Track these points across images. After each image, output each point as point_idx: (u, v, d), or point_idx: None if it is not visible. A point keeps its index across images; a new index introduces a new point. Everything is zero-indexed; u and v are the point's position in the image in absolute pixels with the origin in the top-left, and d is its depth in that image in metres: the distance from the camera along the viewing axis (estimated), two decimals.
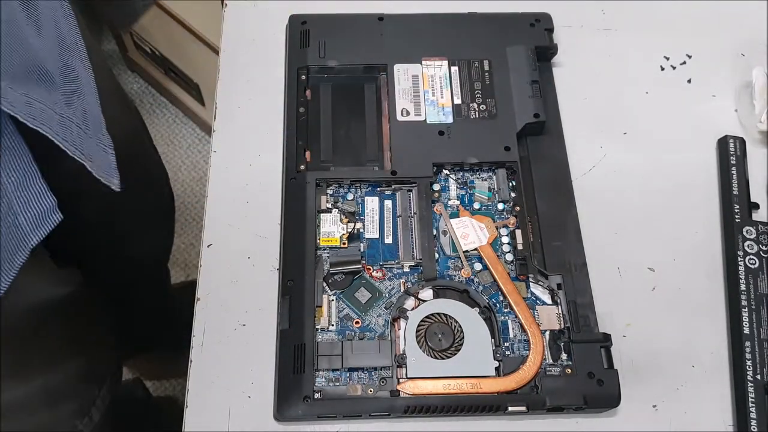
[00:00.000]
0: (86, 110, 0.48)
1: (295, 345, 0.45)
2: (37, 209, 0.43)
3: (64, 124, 0.43)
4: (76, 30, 0.50)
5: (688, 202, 0.54)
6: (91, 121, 0.48)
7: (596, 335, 0.46)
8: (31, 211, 0.42)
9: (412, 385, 0.44)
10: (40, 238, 0.43)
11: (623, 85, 0.59)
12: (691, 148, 0.56)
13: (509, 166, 0.52)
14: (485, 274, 0.49)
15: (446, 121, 0.54)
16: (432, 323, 0.47)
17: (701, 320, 0.50)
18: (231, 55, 0.59)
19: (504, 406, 0.44)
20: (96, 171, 0.46)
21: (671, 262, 0.52)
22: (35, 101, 0.41)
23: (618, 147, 0.56)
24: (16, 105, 0.38)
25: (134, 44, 1.25)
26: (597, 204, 0.53)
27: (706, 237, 0.53)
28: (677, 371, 0.48)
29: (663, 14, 0.62)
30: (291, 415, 0.44)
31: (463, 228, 0.50)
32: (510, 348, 0.46)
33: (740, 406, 0.46)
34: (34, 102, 0.41)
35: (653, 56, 0.61)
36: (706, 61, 0.60)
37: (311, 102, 0.55)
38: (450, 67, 0.56)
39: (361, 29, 0.57)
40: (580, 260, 0.49)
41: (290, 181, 0.51)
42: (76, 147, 0.44)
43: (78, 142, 0.44)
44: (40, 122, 0.40)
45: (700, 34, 0.61)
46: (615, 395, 0.45)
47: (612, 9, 0.63)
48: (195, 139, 1.31)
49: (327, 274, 0.48)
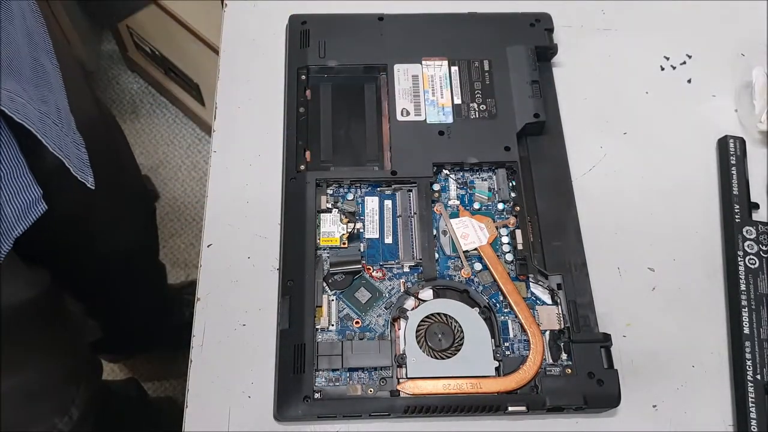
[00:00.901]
0: (59, 108, 0.48)
1: (295, 345, 0.45)
2: (23, 200, 0.43)
3: (43, 121, 0.44)
4: (43, 26, 0.50)
5: (688, 202, 0.54)
6: (64, 119, 0.48)
7: (596, 335, 0.46)
8: (17, 203, 0.43)
9: (412, 385, 0.44)
10: (24, 228, 0.44)
11: (623, 85, 0.59)
12: (691, 148, 0.56)
13: (509, 166, 0.52)
14: (485, 274, 0.49)
15: (446, 121, 0.54)
16: (432, 323, 0.47)
17: (701, 320, 0.50)
18: (231, 55, 0.59)
19: (504, 406, 0.44)
20: (73, 168, 0.46)
21: (671, 262, 0.52)
22: (16, 96, 0.41)
23: (618, 147, 0.56)
24: (2, 99, 0.38)
25: (134, 44, 1.26)
26: (597, 204, 0.53)
27: (706, 237, 0.53)
28: (677, 371, 0.48)
29: (663, 14, 0.62)
30: (291, 415, 0.44)
31: (463, 228, 0.50)
32: (510, 348, 0.46)
33: (740, 406, 0.46)
34: (15, 97, 0.41)
35: (653, 56, 0.61)
36: (706, 61, 0.60)
37: (311, 102, 0.55)
38: (450, 67, 0.56)
39: (361, 29, 0.57)
40: (580, 260, 0.49)
41: (290, 181, 0.51)
42: (56, 144, 0.44)
43: (56, 139, 0.45)
44: (24, 117, 0.40)
45: (700, 34, 0.61)
46: (615, 395, 0.45)
47: (612, 9, 0.63)
48: (195, 139, 1.31)
49: (327, 274, 0.48)
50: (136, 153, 1.29)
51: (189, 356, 0.47)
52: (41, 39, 0.50)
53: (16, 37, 0.45)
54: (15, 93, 0.42)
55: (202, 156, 1.29)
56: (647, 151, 0.56)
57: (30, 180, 0.43)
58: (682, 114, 0.58)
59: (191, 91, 1.22)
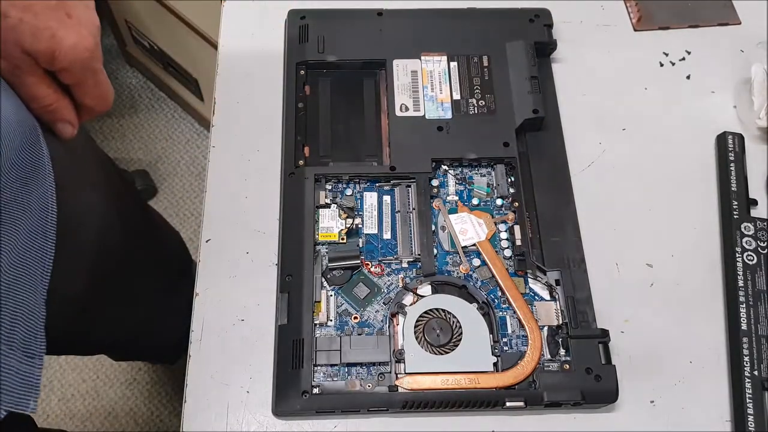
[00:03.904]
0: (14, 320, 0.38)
1: (293, 340, 0.45)
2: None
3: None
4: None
5: (687, 198, 0.54)
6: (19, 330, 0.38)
7: (594, 331, 0.46)
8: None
9: (411, 381, 0.44)
10: None
11: (622, 80, 0.59)
12: (689, 144, 0.56)
13: (508, 161, 0.52)
14: (484, 269, 0.49)
15: (445, 116, 0.54)
16: (430, 319, 0.47)
17: (699, 316, 0.50)
18: (230, 51, 0.59)
19: (502, 402, 0.44)
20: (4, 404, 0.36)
21: (669, 258, 0.52)
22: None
23: (617, 143, 0.56)
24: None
25: (133, 39, 1.25)
26: (595, 200, 0.53)
27: (705, 233, 0.53)
28: (675, 367, 0.48)
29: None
30: (289, 410, 0.44)
31: (461, 224, 0.50)
32: (508, 344, 0.46)
33: (737, 402, 0.47)
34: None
35: (652, 52, 0.60)
36: (705, 57, 0.60)
37: (310, 97, 0.55)
38: (449, 63, 0.56)
39: (360, 24, 0.57)
40: (579, 256, 0.49)
41: (289, 177, 0.51)
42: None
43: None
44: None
45: (700, 30, 0.61)
46: (613, 391, 0.45)
47: (611, 5, 0.62)
48: (194, 134, 1.31)
49: (325, 270, 0.48)
50: (135, 148, 1.29)
51: (188, 351, 0.47)
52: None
53: None
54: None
55: (200, 151, 1.29)
56: (646, 147, 0.56)
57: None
58: (681, 110, 0.58)
59: (190, 86, 1.21)
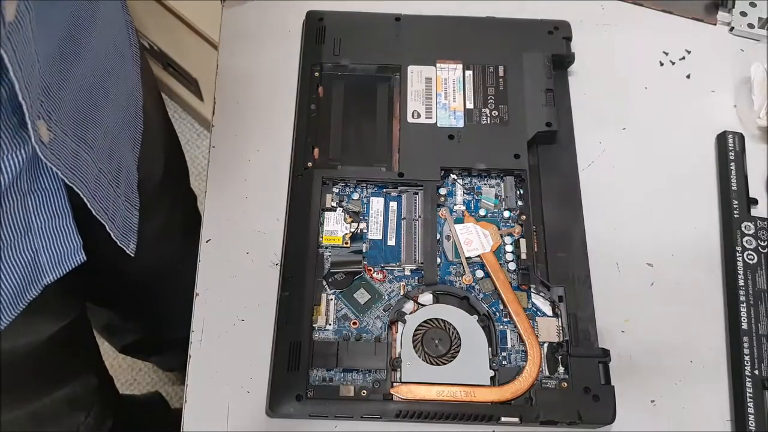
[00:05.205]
0: (121, 166, 0.47)
1: (291, 342, 0.45)
2: (61, 249, 0.42)
3: (99, 181, 0.42)
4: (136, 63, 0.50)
5: (687, 197, 0.54)
6: (124, 177, 0.47)
7: (595, 350, 0.46)
8: (54, 251, 0.41)
9: (406, 390, 0.44)
10: (57, 276, 0.42)
11: (622, 80, 0.59)
12: (690, 143, 0.56)
13: (518, 174, 0.52)
14: (486, 281, 0.48)
15: (457, 125, 0.53)
16: (429, 328, 0.46)
17: (700, 315, 0.50)
18: (230, 51, 0.59)
19: (497, 417, 0.44)
20: (115, 233, 0.45)
21: (670, 257, 0.52)
22: (83, 152, 0.40)
23: (617, 142, 0.56)
24: (62, 157, 0.38)
25: None
26: (596, 199, 0.53)
27: (705, 232, 0.53)
28: (675, 366, 0.48)
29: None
30: (283, 412, 0.44)
31: (467, 234, 0.50)
32: (507, 358, 0.46)
33: (738, 401, 0.46)
34: (81, 153, 0.40)
35: (652, 51, 0.60)
36: (706, 56, 0.60)
37: (323, 99, 0.54)
38: (464, 71, 0.55)
39: (378, 29, 0.57)
40: (584, 273, 0.48)
41: (297, 178, 0.51)
42: (103, 205, 0.43)
43: (105, 200, 0.43)
44: (78, 177, 0.39)
45: (700, 29, 0.61)
46: (610, 413, 0.44)
47: (611, 4, 0.62)
48: (193, 134, 1.31)
49: (327, 273, 0.48)
50: None
51: (188, 351, 0.47)
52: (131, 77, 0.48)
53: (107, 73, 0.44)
54: (89, 146, 0.41)
55: (200, 151, 1.29)
56: (646, 147, 0.56)
57: (72, 229, 0.42)
58: (681, 109, 0.57)
59: (190, 86, 1.21)
